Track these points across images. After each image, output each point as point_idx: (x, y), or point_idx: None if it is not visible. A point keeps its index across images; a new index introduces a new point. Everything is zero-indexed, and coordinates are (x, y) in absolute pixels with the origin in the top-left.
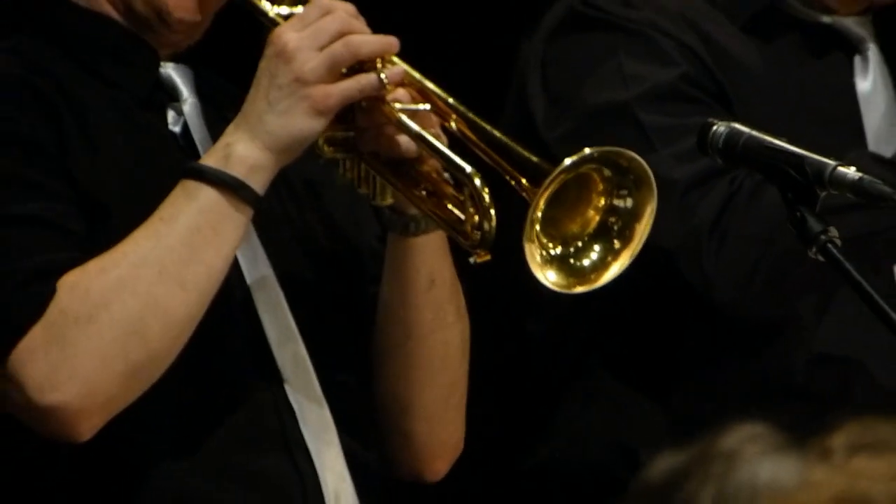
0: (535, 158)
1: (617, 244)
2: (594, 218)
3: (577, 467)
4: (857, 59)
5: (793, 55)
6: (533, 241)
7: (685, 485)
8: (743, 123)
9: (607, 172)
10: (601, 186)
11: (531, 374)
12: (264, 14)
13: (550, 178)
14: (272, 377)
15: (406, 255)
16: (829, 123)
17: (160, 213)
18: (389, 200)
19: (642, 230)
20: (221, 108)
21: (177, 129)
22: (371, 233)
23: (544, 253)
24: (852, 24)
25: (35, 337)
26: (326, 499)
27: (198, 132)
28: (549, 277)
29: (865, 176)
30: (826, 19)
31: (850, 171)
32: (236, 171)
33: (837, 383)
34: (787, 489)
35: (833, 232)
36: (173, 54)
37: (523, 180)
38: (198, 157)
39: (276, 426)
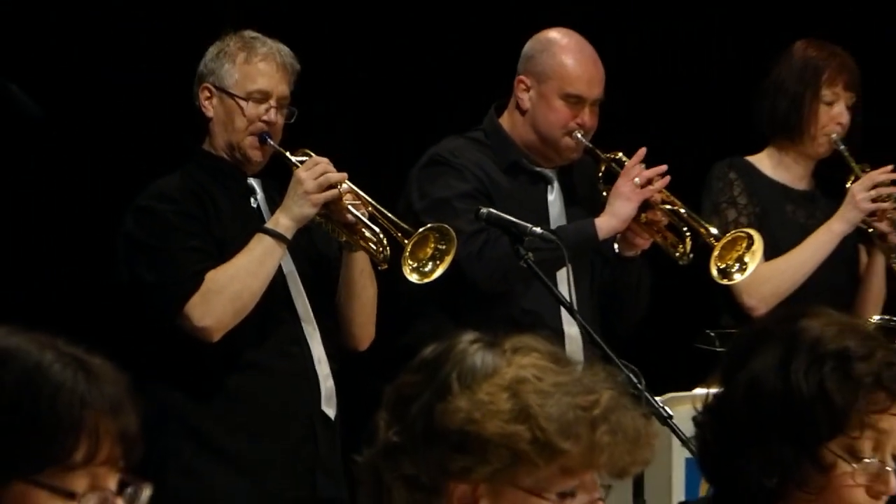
0: (405, 225)
1: (439, 263)
2: (429, 252)
3: None
4: (549, 187)
5: (520, 182)
6: (406, 264)
7: (442, 365)
8: (496, 210)
9: (436, 234)
10: (433, 237)
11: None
12: (291, 161)
13: (413, 238)
14: (295, 318)
15: (350, 260)
16: (534, 214)
17: (248, 246)
18: (343, 238)
19: (449, 258)
20: (274, 199)
21: (255, 205)
22: (335, 250)
23: (410, 266)
24: (548, 171)
25: (195, 299)
26: (317, 366)
27: (264, 208)
28: (412, 278)
29: (541, 231)
30: (538, 168)
31: (537, 230)
32: (280, 230)
33: (530, 320)
34: (490, 369)
35: (530, 255)
36: (253, 174)
37: (400, 234)
38: (264, 221)
39: (296, 337)
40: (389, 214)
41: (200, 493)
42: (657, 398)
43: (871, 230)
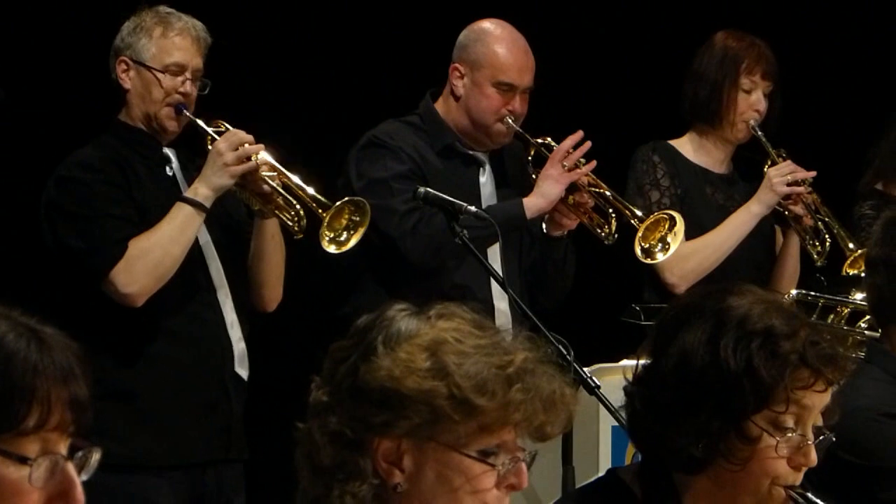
0: (321, 198)
1: (353, 233)
2: (344, 222)
3: None
4: (481, 169)
5: (454, 165)
6: (323, 235)
7: (371, 330)
8: (431, 189)
9: (351, 207)
10: (349, 209)
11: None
12: (206, 130)
13: (330, 210)
14: (209, 283)
15: (261, 226)
16: (466, 195)
17: (170, 214)
18: (257, 207)
19: (363, 229)
20: (187, 167)
21: (171, 173)
22: (245, 216)
23: (328, 237)
24: (480, 154)
25: (120, 266)
26: (230, 330)
27: (179, 176)
28: (330, 248)
29: (476, 210)
30: (471, 151)
31: (472, 209)
32: (199, 198)
33: (461, 294)
34: (413, 333)
35: (465, 233)
36: (168, 142)
37: (315, 205)
38: (180, 189)
39: (210, 302)
40: (305, 187)
41: (120, 451)
42: (585, 369)
43: (786, 212)
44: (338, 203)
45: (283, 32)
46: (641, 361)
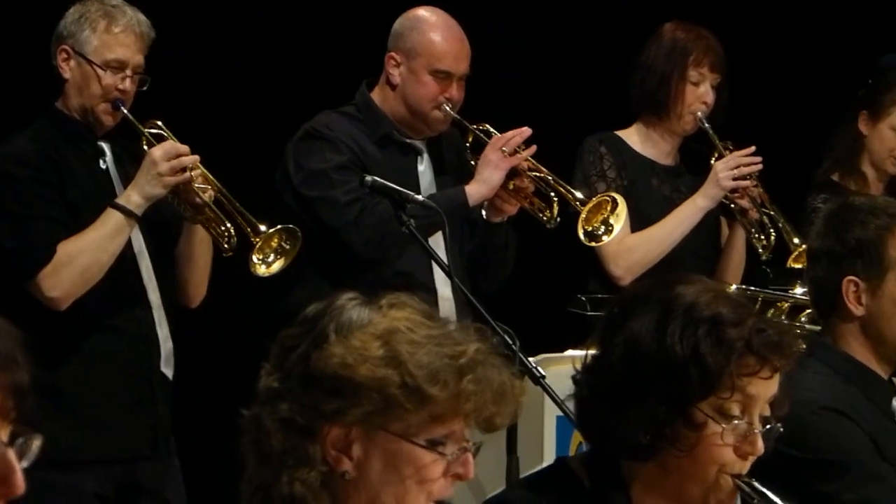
0: (253, 219)
1: (282, 257)
2: (274, 245)
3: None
4: (419, 157)
5: (392, 154)
6: (252, 263)
7: (321, 318)
8: (374, 177)
9: (283, 234)
10: (279, 236)
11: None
12: (142, 131)
13: (263, 236)
14: (139, 281)
15: (190, 229)
16: (405, 183)
17: (100, 220)
18: (188, 214)
19: (291, 257)
20: (122, 159)
21: (104, 167)
22: (176, 216)
23: (258, 259)
24: (418, 142)
25: (47, 270)
26: (158, 328)
27: (112, 171)
28: (259, 270)
29: (422, 199)
30: (408, 140)
31: (418, 198)
32: (131, 206)
33: (404, 282)
34: (366, 322)
35: (412, 221)
36: (102, 135)
37: (252, 234)
38: (112, 184)
39: (139, 300)
40: (238, 205)
41: (46, 446)
42: (531, 359)
43: (732, 206)
44: (271, 231)
45: (218, 25)
46: (588, 351)
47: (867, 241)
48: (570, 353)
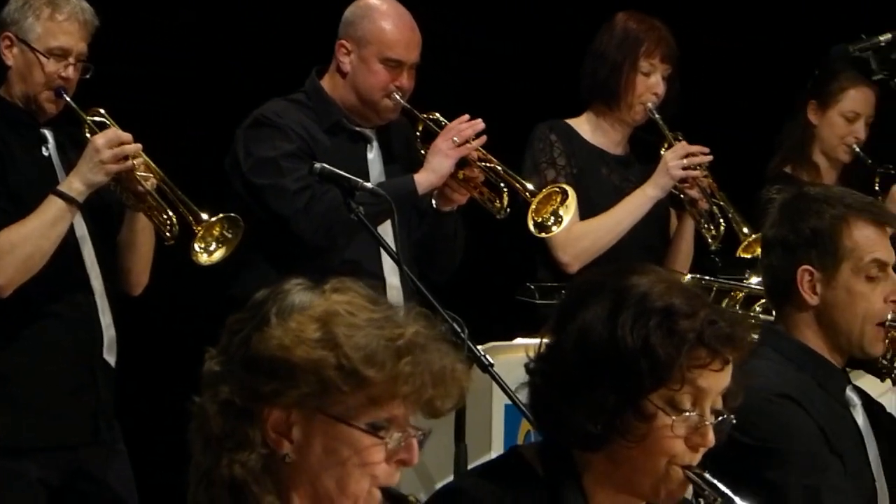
0: (194, 207)
1: (224, 246)
2: (216, 234)
3: None
4: (368, 146)
5: (341, 142)
6: (194, 251)
7: (266, 303)
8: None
9: (226, 223)
10: (221, 225)
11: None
12: (85, 119)
13: (205, 223)
14: (81, 269)
15: (132, 217)
16: (355, 171)
17: (42, 207)
18: (130, 202)
19: (233, 246)
20: (64, 146)
21: (47, 154)
22: (118, 203)
23: (200, 248)
24: (368, 131)
25: None
26: (100, 315)
27: (55, 158)
28: (201, 258)
29: (371, 186)
30: (357, 128)
31: (367, 185)
32: (73, 193)
33: (352, 270)
34: (307, 305)
35: (360, 209)
36: (45, 122)
37: (194, 223)
38: (55, 170)
39: (82, 287)
40: (180, 193)
41: None
42: (479, 347)
43: (682, 196)
44: (214, 219)
45: (164, 14)
46: (543, 339)
47: (822, 230)
48: (518, 341)
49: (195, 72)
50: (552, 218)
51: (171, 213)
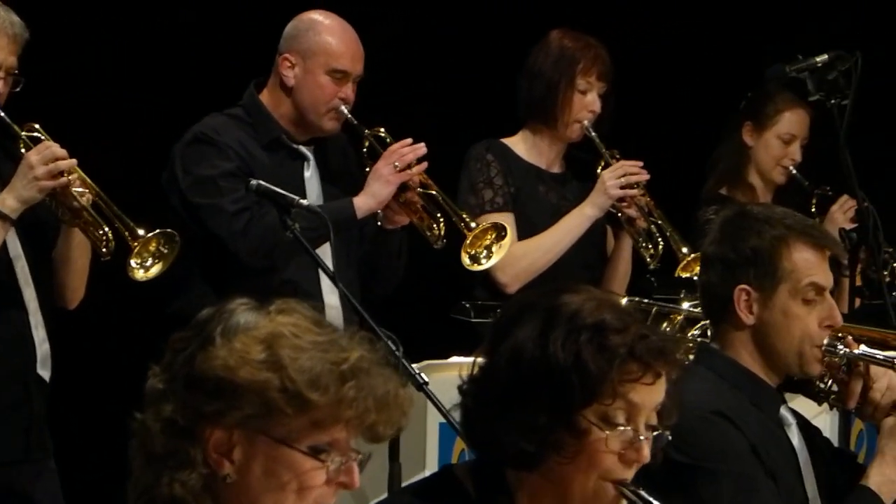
0: (131, 223)
1: (158, 262)
2: (153, 249)
3: None
4: (306, 163)
5: (280, 159)
6: (131, 267)
7: (210, 322)
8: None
9: (162, 238)
10: (157, 241)
11: None
12: (18, 132)
13: (141, 240)
14: (14, 283)
15: (68, 232)
16: (292, 189)
17: None
18: (66, 218)
19: (169, 261)
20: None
21: None
22: (53, 219)
23: (136, 263)
24: (306, 148)
25: None
26: (34, 330)
27: None
28: (138, 274)
29: (308, 204)
30: (296, 145)
31: (303, 202)
32: (6, 210)
33: (290, 290)
34: (252, 326)
35: (296, 226)
36: None
37: (130, 238)
38: None
39: (15, 301)
40: (116, 208)
41: None
42: (414, 365)
43: (620, 214)
44: (150, 234)
45: (98, 25)
46: (477, 359)
47: (762, 250)
48: (454, 359)
49: (131, 86)
50: (485, 251)
51: (107, 229)
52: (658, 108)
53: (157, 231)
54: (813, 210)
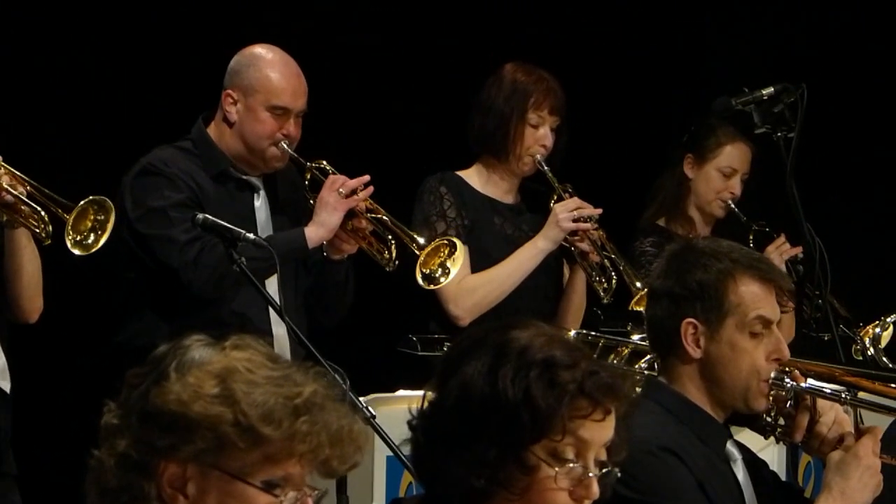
0: (63, 200)
1: (101, 233)
2: (89, 223)
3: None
4: (255, 194)
5: (228, 190)
6: (68, 237)
7: (166, 358)
8: (209, 215)
9: (94, 206)
10: (92, 209)
11: None
12: None
13: (73, 212)
14: None
15: (12, 236)
16: (242, 220)
17: None
18: (4, 218)
19: (109, 227)
20: None
21: None
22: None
23: (72, 240)
24: (254, 179)
25: None
26: None
27: None
28: (76, 251)
29: (254, 237)
30: (244, 177)
31: (250, 236)
32: None
33: (238, 322)
34: (206, 361)
35: (243, 260)
36: None
37: (62, 212)
38: None
39: None
40: (47, 191)
41: None
42: (361, 398)
43: (573, 248)
44: (80, 203)
45: (53, 51)
46: (427, 394)
47: (708, 284)
48: (401, 393)
49: (75, 122)
50: (440, 270)
51: (43, 213)
52: (604, 141)
53: (88, 198)
54: (751, 245)
